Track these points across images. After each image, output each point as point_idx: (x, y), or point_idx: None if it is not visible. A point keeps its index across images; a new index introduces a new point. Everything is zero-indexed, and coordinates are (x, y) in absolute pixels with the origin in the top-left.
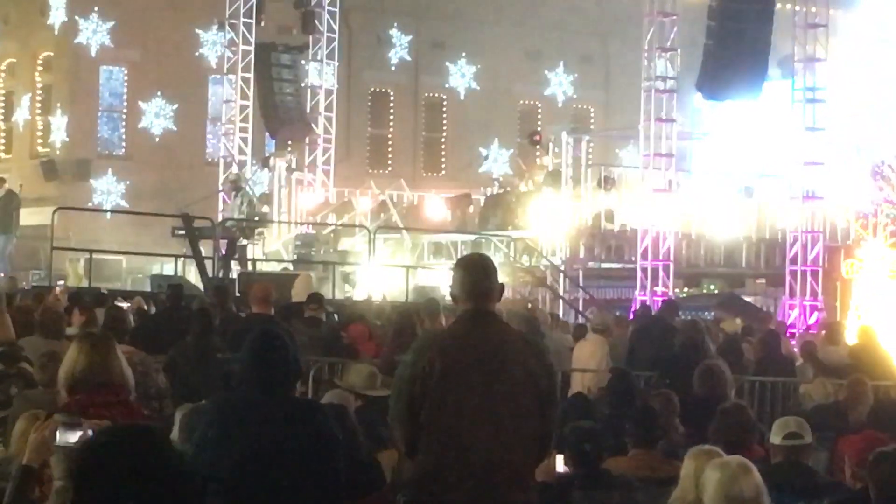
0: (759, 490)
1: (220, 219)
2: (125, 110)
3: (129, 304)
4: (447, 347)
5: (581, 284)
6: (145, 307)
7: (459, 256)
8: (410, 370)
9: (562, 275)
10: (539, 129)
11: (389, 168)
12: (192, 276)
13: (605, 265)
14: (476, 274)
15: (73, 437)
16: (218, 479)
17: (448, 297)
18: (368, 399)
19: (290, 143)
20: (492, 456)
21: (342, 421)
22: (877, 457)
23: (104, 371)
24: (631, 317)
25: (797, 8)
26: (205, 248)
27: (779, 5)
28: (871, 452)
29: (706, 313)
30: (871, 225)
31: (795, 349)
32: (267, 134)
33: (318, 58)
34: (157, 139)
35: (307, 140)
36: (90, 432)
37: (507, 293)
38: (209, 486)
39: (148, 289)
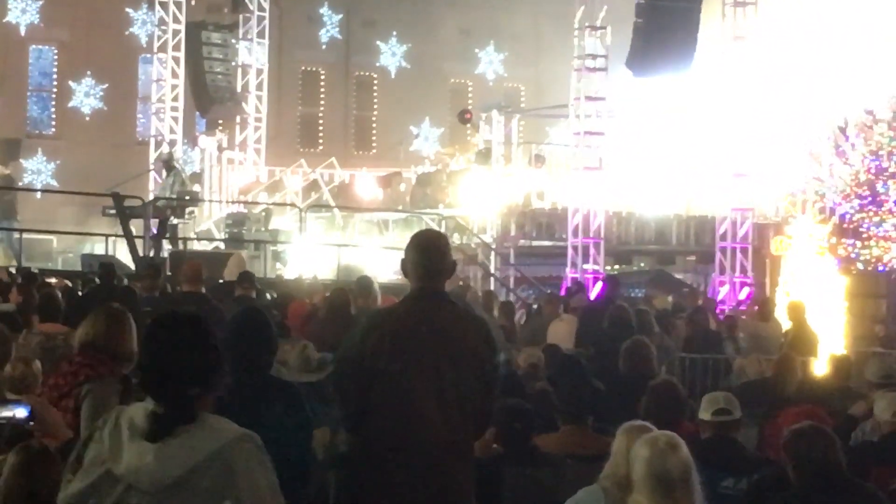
0: (688, 467)
1: (150, 198)
2: (55, 90)
3: (54, 282)
4: (397, 325)
5: (512, 262)
6: (69, 285)
7: (412, 234)
8: (359, 347)
9: (493, 252)
10: (470, 107)
11: (320, 147)
12: (123, 256)
13: (535, 243)
14: (428, 252)
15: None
16: None
17: (378, 277)
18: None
19: (220, 122)
20: (437, 435)
21: None
22: (793, 433)
23: (112, 340)
24: (563, 293)
25: None
26: (136, 228)
27: None
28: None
29: (637, 290)
30: (800, 202)
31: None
32: (197, 113)
33: (249, 37)
34: (87, 118)
35: (238, 119)
36: (18, 409)
37: None
38: None
39: (79, 268)
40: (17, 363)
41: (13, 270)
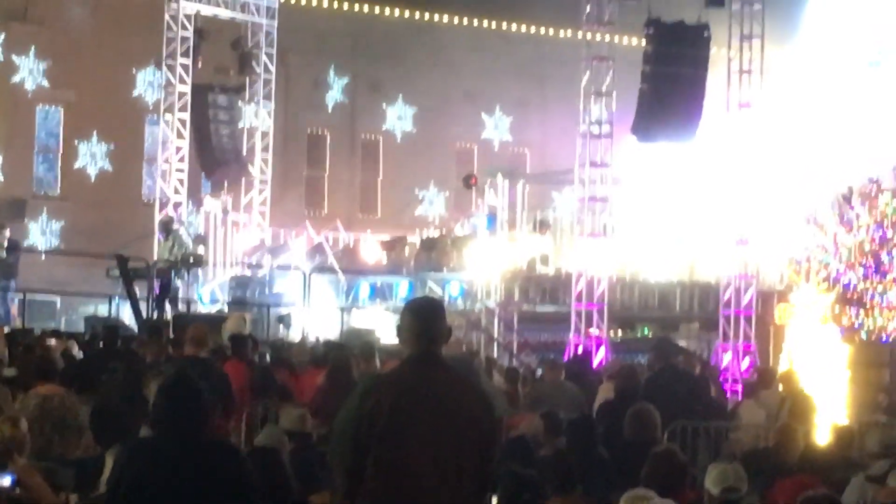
0: None
1: (154, 259)
2: (61, 150)
3: (55, 343)
4: (394, 390)
5: (515, 327)
6: (71, 345)
7: (403, 299)
8: (357, 411)
9: (496, 318)
10: (475, 172)
11: (325, 210)
12: (127, 317)
13: (539, 308)
14: (424, 317)
15: None
16: None
17: (382, 340)
18: (302, 442)
19: (226, 184)
20: (437, 499)
21: (273, 463)
22: (804, 501)
23: None
24: (565, 359)
25: (731, 53)
26: (140, 289)
27: (714, 50)
28: (800, 496)
29: (640, 356)
30: (804, 270)
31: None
32: (203, 175)
33: (255, 99)
34: (92, 179)
35: (243, 181)
36: (3, 478)
37: None
38: None
39: (82, 329)
40: (3, 424)
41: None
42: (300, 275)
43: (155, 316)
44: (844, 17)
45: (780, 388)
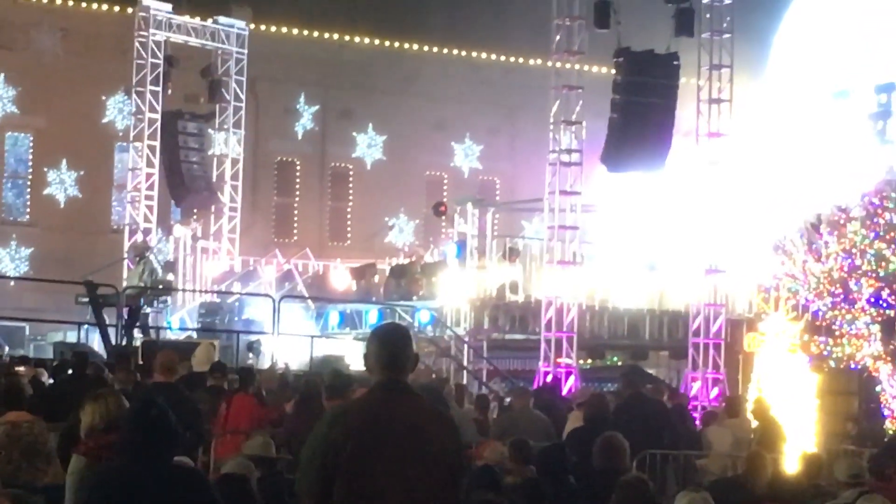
0: None
1: (124, 286)
2: (30, 176)
3: (24, 369)
4: (361, 418)
5: (485, 355)
6: (41, 372)
7: (372, 326)
8: (323, 440)
9: (466, 345)
10: (445, 200)
11: (295, 237)
12: (96, 344)
13: (509, 336)
14: (391, 345)
15: None
16: None
17: (351, 367)
18: (270, 469)
19: (195, 211)
20: None
21: (241, 490)
22: None
23: (116, 420)
24: (535, 387)
25: (701, 83)
26: (109, 316)
27: (683, 79)
28: None
29: (609, 385)
30: (773, 299)
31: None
32: (172, 202)
33: (225, 126)
34: (61, 206)
35: (213, 208)
36: None
37: None
38: None
39: (51, 356)
40: None
41: None
42: (270, 302)
43: (124, 343)
44: (812, 48)
45: (751, 415)
